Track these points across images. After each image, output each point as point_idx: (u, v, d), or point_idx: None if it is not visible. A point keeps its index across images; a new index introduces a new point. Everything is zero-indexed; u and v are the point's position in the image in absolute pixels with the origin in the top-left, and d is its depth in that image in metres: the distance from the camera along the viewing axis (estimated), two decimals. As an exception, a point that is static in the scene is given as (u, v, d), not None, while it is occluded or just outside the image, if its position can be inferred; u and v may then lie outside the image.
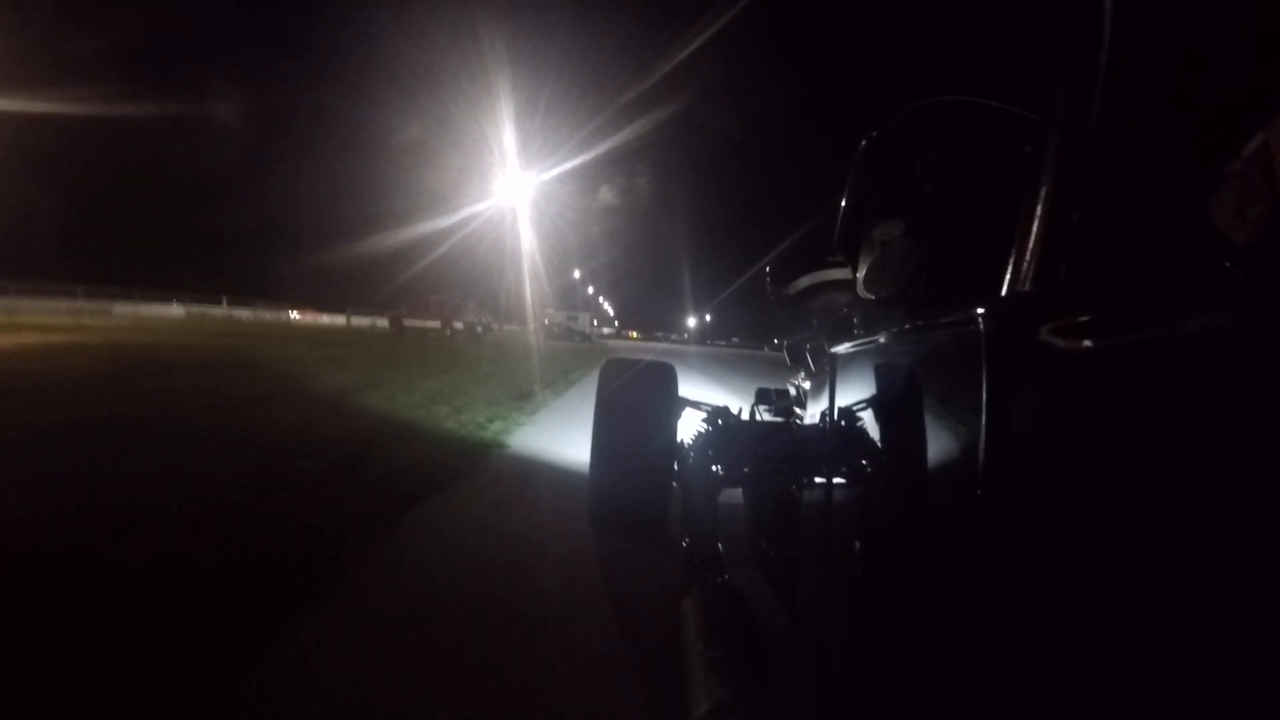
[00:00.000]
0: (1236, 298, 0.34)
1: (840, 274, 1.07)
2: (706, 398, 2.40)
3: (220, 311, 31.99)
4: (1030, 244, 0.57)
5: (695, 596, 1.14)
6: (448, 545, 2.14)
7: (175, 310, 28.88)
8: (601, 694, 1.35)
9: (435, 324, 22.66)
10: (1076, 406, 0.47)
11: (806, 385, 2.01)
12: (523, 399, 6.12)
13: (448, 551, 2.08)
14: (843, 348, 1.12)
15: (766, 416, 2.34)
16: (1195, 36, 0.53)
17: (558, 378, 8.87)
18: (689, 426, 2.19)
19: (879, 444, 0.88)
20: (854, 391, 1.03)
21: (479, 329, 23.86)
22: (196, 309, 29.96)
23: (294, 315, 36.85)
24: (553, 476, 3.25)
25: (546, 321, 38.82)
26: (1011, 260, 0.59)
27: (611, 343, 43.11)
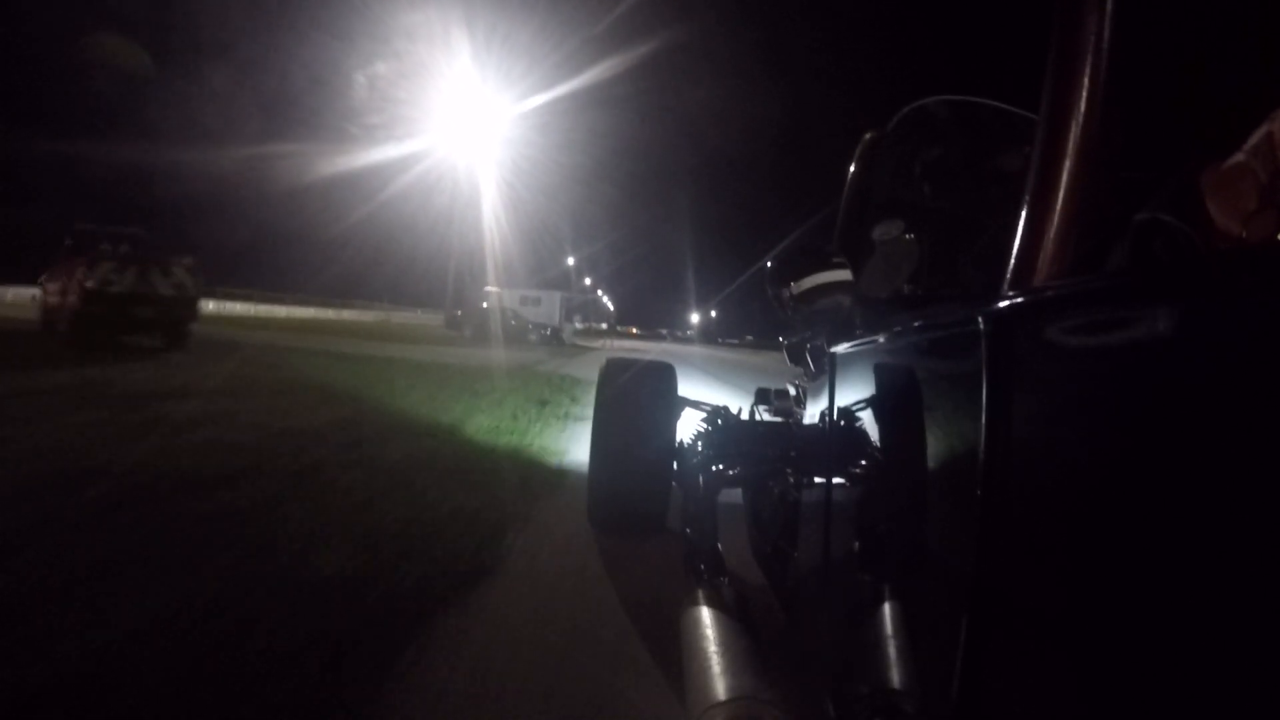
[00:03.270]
0: (1237, 297, 0.34)
1: (842, 275, 1.07)
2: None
3: None
4: (1030, 244, 0.57)
5: (695, 596, 1.14)
6: None
7: None
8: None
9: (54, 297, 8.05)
10: (1076, 406, 0.47)
11: (806, 385, 2.01)
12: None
13: None
14: (843, 348, 1.12)
15: (766, 416, 2.34)
16: (1195, 37, 0.53)
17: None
18: (689, 426, 2.19)
19: (879, 444, 0.88)
20: (854, 391, 1.03)
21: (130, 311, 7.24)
22: None
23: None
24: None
25: (485, 305, 21.77)
26: (1011, 260, 0.59)
27: (606, 343, 25.56)
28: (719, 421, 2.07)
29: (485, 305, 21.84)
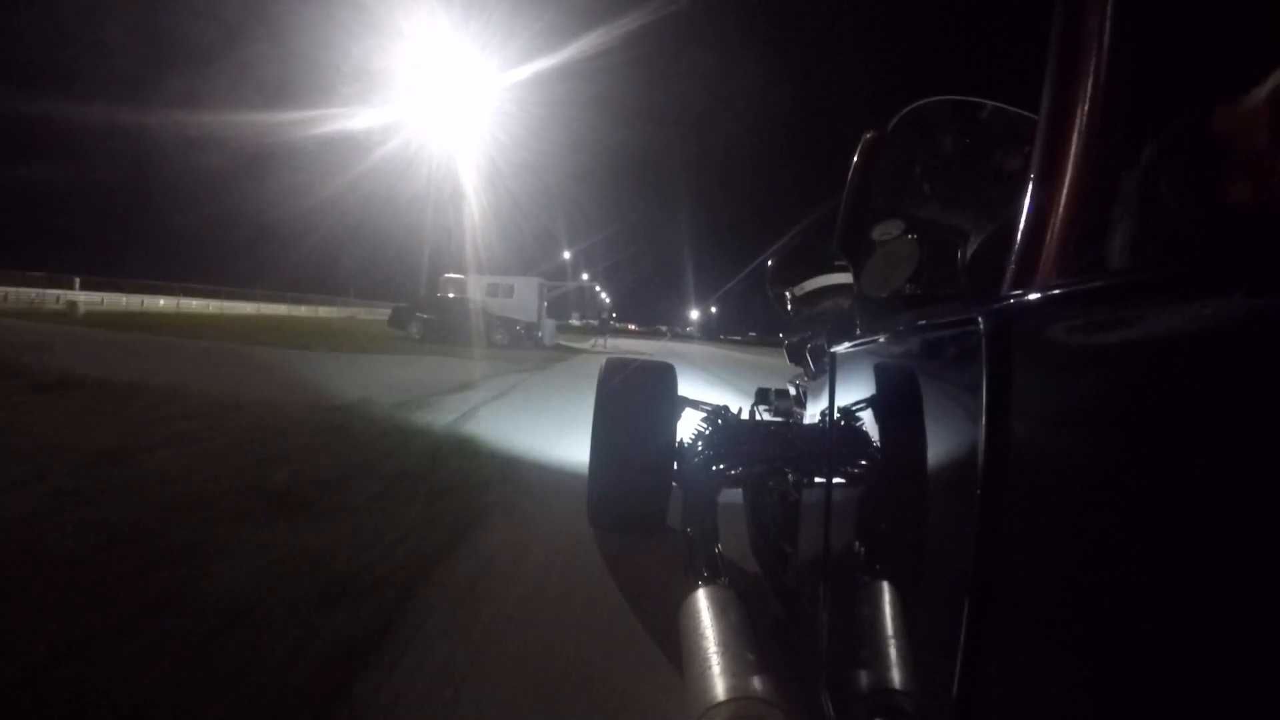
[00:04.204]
0: (1237, 295, 0.34)
1: (843, 278, 1.07)
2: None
3: None
4: (1030, 244, 0.57)
5: (695, 596, 1.14)
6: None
7: None
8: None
9: None
10: (1076, 406, 0.47)
11: (806, 385, 2.01)
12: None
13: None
14: (843, 348, 1.12)
15: (766, 416, 2.35)
16: (1194, 36, 0.53)
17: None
18: (689, 426, 2.19)
19: (879, 444, 0.88)
20: (854, 391, 1.03)
21: None
22: None
23: None
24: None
25: (446, 296, 17.27)
26: (1012, 260, 0.59)
27: (597, 343, 20.99)
28: (719, 421, 2.08)
29: (446, 296, 17.08)
